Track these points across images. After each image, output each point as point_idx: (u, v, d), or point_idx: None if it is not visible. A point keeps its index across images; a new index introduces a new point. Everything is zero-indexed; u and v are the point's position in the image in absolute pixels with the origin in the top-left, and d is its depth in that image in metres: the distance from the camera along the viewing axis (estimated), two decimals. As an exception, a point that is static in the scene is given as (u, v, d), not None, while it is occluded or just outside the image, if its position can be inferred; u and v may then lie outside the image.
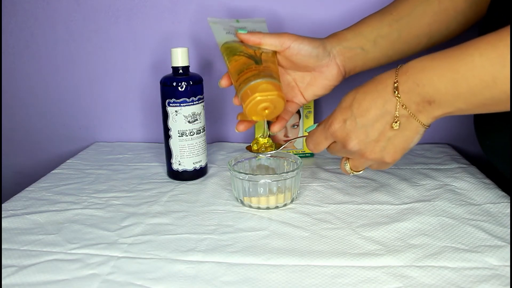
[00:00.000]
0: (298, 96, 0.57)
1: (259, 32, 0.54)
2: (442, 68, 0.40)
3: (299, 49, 0.53)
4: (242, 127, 0.56)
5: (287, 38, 0.53)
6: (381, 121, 0.44)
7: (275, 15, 0.73)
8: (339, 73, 0.55)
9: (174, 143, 0.60)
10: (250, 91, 0.49)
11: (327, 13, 0.72)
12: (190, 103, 0.59)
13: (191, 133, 0.60)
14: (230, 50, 0.54)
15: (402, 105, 0.42)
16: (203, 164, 0.63)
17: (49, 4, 0.76)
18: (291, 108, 0.57)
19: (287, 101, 0.56)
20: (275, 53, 0.54)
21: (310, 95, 0.57)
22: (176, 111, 0.59)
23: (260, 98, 0.49)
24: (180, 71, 0.60)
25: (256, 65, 0.51)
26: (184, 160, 0.61)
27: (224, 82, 0.55)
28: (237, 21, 0.58)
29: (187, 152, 0.61)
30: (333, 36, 0.56)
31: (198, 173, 0.63)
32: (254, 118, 0.52)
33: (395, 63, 0.58)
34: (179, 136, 0.60)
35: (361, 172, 0.50)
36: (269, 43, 0.53)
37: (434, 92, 0.40)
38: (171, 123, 0.60)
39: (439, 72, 0.40)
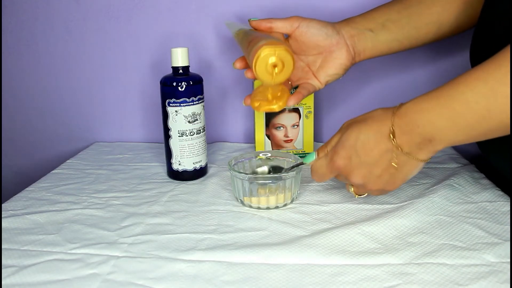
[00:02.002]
0: (313, 79, 0.58)
1: (269, 18, 0.56)
2: (440, 107, 0.41)
3: (308, 27, 0.55)
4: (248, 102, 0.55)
5: (296, 19, 0.55)
6: (384, 159, 0.45)
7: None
8: (348, 53, 0.56)
9: (174, 143, 0.61)
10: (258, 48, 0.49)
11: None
12: (190, 103, 0.59)
13: (191, 133, 0.60)
14: (243, 34, 0.55)
15: (397, 148, 0.44)
16: (203, 164, 0.63)
17: (49, 4, 0.76)
18: (307, 87, 0.57)
19: (303, 82, 0.57)
20: (287, 40, 0.56)
21: (323, 76, 0.57)
22: (176, 111, 0.59)
23: (268, 51, 0.48)
24: (180, 71, 0.60)
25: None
26: (184, 160, 0.61)
27: (238, 64, 0.56)
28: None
29: (187, 152, 0.61)
30: (343, 20, 0.58)
31: (198, 173, 0.63)
32: (263, 79, 0.50)
33: (408, 51, 0.59)
34: (179, 136, 0.60)
35: (364, 195, 0.52)
36: (279, 26, 0.55)
37: (434, 131, 0.42)
38: (171, 123, 0.60)
39: (437, 111, 0.41)
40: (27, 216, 0.53)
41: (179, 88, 0.59)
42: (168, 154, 0.62)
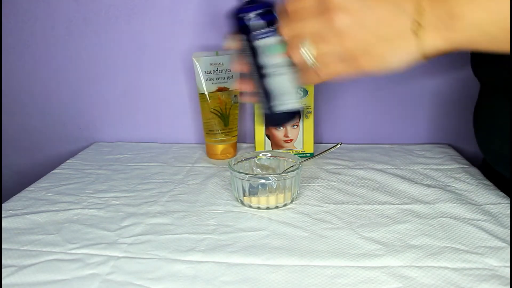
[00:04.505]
0: None
1: None
2: None
3: None
4: None
5: None
6: (385, 11, 0.35)
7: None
8: None
9: (272, 81, 0.46)
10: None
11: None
12: (271, 34, 0.45)
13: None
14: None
15: (419, 10, 0.34)
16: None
17: (49, 4, 0.76)
18: None
19: None
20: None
21: None
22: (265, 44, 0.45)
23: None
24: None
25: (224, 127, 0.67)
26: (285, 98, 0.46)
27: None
28: (217, 53, 0.65)
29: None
30: None
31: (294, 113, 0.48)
32: None
33: None
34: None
35: (310, 57, 0.40)
36: None
37: (465, 1, 0.33)
38: (264, 58, 0.46)
39: None
40: (27, 216, 0.53)
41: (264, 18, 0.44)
42: (266, 95, 0.47)
